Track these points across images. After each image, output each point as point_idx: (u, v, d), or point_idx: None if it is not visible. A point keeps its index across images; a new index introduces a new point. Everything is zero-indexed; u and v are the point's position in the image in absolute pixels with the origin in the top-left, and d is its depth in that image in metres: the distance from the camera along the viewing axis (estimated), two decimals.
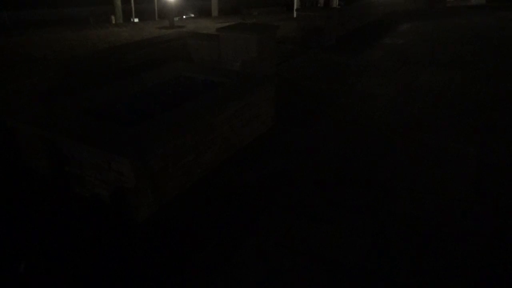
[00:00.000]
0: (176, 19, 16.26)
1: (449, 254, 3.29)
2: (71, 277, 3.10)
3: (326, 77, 8.40)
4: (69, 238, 3.52)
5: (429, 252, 3.31)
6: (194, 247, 3.41)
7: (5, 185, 4.36)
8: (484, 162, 4.74)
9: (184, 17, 20.68)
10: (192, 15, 22.39)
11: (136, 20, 19.81)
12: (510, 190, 4.17)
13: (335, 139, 5.41)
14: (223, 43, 8.06)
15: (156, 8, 20.74)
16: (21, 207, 3.97)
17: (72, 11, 19.88)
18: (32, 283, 3.06)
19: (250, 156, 4.95)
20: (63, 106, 4.55)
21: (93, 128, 3.93)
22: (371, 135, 5.53)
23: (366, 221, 3.70)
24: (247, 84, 5.33)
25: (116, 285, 3.05)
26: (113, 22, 18.77)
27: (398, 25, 14.73)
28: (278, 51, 9.11)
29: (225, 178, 4.46)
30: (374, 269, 3.13)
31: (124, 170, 3.50)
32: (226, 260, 3.25)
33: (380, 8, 16.75)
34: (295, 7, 18.61)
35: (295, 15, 16.35)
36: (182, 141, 4.02)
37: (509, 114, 6.22)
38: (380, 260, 3.22)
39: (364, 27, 14.45)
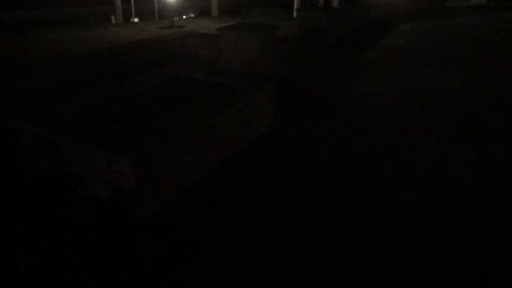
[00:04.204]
0: (176, 19, 16.25)
1: (449, 254, 3.28)
2: (70, 277, 3.10)
3: (326, 77, 8.39)
4: (69, 238, 3.51)
5: (429, 252, 3.31)
6: (194, 247, 3.40)
7: (5, 185, 4.36)
8: (485, 163, 4.73)
9: (184, 17, 20.68)
10: (192, 15, 22.38)
11: (136, 20, 19.81)
12: (511, 191, 4.17)
13: (335, 140, 5.40)
14: (223, 43, 8.05)
15: (156, 8, 20.74)
16: (21, 207, 3.97)
17: (72, 11, 19.87)
18: (32, 283, 3.06)
19: (250, 156, 4.94)
20: (63, 106, 4.55)
21: (93, 128, 3.92)
22: (372, 135, 5.53)
23: (366, 221, 3.70)
24: (247, 84, 5.32)
25: (115, 285, 3.05)
26: (113, 22, 18.77)
27: (398, 25, 14.72)
28: (278, 51, 9.11)
29: (225, 178, 4.45)
30: (374, 269, 3.13)
31: (124, 170, 3.49)
32: (227, 260, 3.25)
33: (380, 8, 16.75)
34: (295, 7, 18.61)
35: (295, 15, 16.36)
36: (181, 141, 4.02)
37: (510, 116, 6.21)
38: (380, 260, 3.22)
39: (364, 27, 14.45)
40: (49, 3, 19.33)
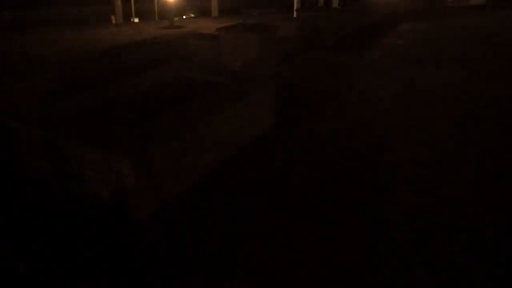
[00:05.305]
0: (176, 19, 16.25)
1: (449, 254, 3.29)
2: (71, 276, 3.10)
3: (326, 77, 8.40)
4: (69, 237, 3.51)
5: (429, 251, 3.31)
6: (195, 247, 3.41)
7: (6, 185, 4.36)
8: (484, 163, 4.74)
9: (184, 17, 20.67)
10: (192, 15, 22.38)
11: (136, 20, 19.80)
12: (510, 190, 4.18)
13: (335, 139, 5.41)
14: (223, 43, 8.05)
15: (156, 8, 20.74)
16: (21, 207, 3.97)
17: (72, 11, 19.85)
18: (33, 282, 3.06)
19: (250, 155, 4.95)
20: (64, 106, 4.55)
21: (94, 128, 3.92)
22: (371, 134, 5.53)
23: (366, 220, 3.70)
24: (247, 84, 5.33)
25: (116, 284, 3.06)
26: (113, 22, 18.76)
27: (398, 25, 14.74)
28: (278, 51, 9.11)
29: (225, 178, 4.45)
30: (374, 269, 3.13)
31: (124, 170, 3.50)
32: (227, 260, 3.25)
33: (380, 8, 16.76)
34: (295, 7, 18.63)
35: (295, 15, 16.37)
36: (182, 141, 4.02)
37: (509, 115, 6.22)
38: (380, 260, 3.22)
39: (364, 27, 14.45)
40: (49, 3, 19.30)
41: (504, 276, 3.07)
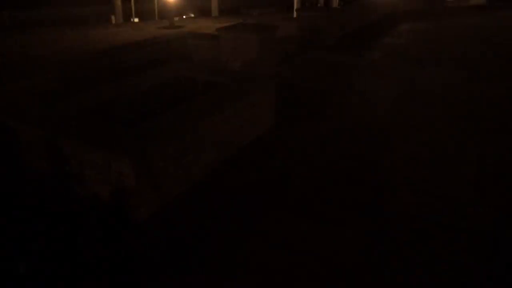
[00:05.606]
0: (176, 19, 16.26)
1: (449, 254, 3.29)
2: (71, 275, 3.10)
3: (326, 77, 8.40)
4: (69, 237, 3.51)
5: (429, 251, 3.31)
6: (195, 247, 3.41)
7: (6, 185, 4.36)
8: (485, 163, 4.74)
9: (184, 17, 20.68)
10: (192, 15, 22.39)
11: (136, 20, 19.81)
12: (510, 190, 4.18)
13: (335, 139, 5.41)
14: (223, 43, 8.05)
15: (156, 8, 20.74)
16: (21, 207, 3.97)
17: (72, 11, 19.86)
18: (33, 282, 3.06)
19: (250, 155, 4.95)
20: (63, 106, 4.55)
21: (93, 128, 3.93)
22: (371, 134, 5.54)
23: (366, 220, 3.70)
24: (247, 84, 5.33)
25: (117, 284, 3.06)
26: (113, 22, 18.78)
27: (398, 25, 14.73)
28: (278, 51, 9.11)
29: (225, 178, 4.46)
30: (374, 270, 3.13)
31: (124, 169, 3.50)
32: (227, 260, 3.25)
33: (380, 8, 16.75)
34: (295, 7, 18.63)
35: (295, 15, 16.38)
36: (182, 141, 4.02)
37: (509, 114, 6.22)
38: (379, 260, 3.22)
39: (364, 27, 14.45)
40: (49, 3, 19.31)
41: (504, 276, 3.07)
